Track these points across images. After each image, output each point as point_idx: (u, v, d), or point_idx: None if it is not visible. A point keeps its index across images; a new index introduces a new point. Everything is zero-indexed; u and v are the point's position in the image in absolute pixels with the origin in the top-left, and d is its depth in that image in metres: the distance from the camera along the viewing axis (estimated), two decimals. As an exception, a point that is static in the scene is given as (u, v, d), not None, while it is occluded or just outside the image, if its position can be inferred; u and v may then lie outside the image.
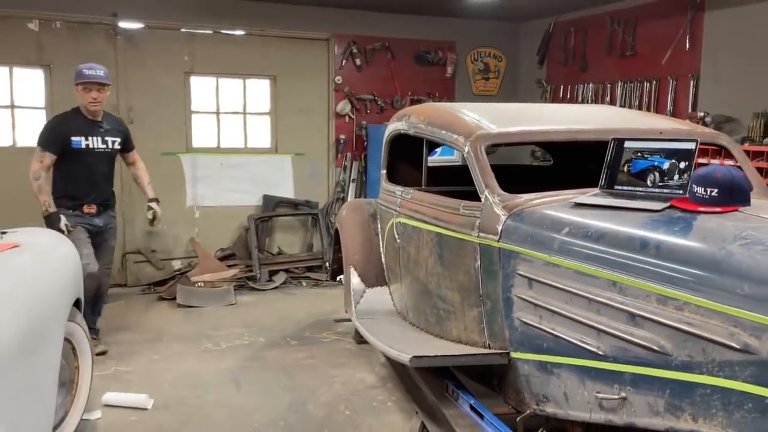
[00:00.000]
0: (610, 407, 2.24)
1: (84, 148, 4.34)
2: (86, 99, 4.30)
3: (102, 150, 4.44)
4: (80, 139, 4.31)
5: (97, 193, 4.44)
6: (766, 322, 1.74)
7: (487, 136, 3.09)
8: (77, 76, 4.28)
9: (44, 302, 2.70)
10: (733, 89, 5.33)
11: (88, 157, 4.37)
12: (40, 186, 4.21)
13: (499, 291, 2.74)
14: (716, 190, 2.33)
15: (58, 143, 4.28)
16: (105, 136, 4.45)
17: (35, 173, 4.22)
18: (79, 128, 4.33)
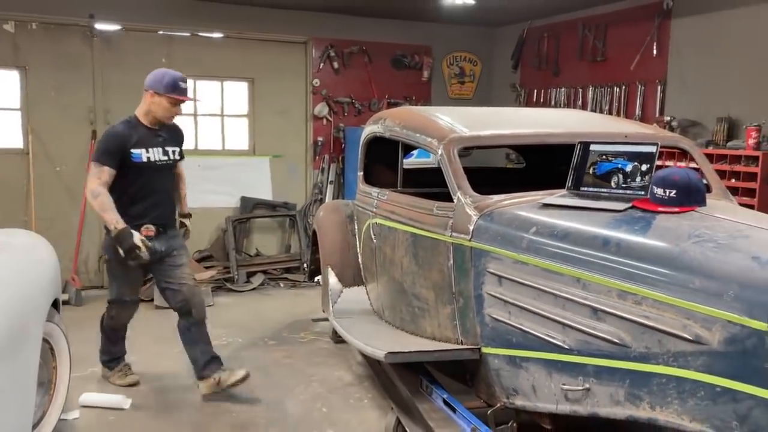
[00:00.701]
0: (574, 398, 2.34)
1: (145, 161, 3.72)
2: (168, 112, 3.74)
3: (163, 162, 3.82)
4: (140, 152, 3.70)
5: (157, 212, 3.82)
6: (715, 314, 1.86)
7: (459, 139, 3.19)
8: (171, 88, 3.67)
9: (23, 302, 2.72)
10: (698, 94, 5.52)
11: (149, 171, 3.75)
12: (102, 203, 3.57)
13: (471, 288, 2.84)
14: (674, 191, 2.45)
15: (117, 156, 3.64)
16: (165, 146, 3.83)
17: (94, 191, 3.58)
18: (138, 139, 3.71)
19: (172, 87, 3.67)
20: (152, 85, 3.70)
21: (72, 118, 6.19)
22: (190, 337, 3.88)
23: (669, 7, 5.71)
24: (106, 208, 3.57)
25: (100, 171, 3.61)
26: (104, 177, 3.61)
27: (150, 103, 3.73)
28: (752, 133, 4.86)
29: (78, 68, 6.17)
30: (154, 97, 3.70)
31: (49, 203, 6.12)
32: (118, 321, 4.07)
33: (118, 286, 3.97)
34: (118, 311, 4.02)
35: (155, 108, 3.72)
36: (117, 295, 3.99)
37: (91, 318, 5.37)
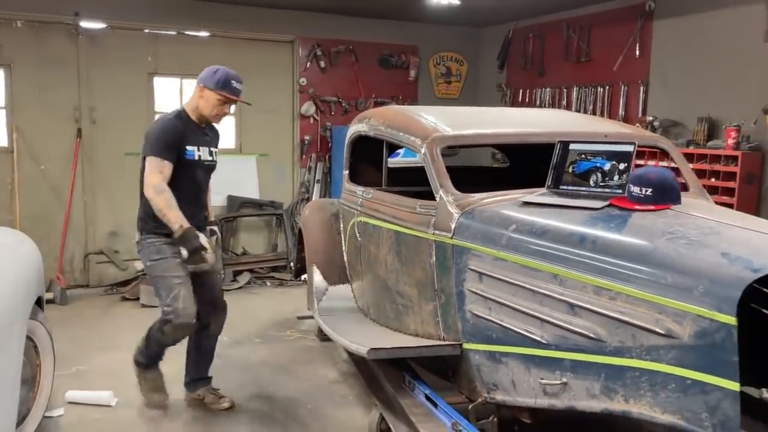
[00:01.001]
0: (552, 392, 2.39)
1: (196, 159, 3.50)
2: (216, 111, 3.52)
3: (209, 163, 3.64)
4: (193, 149, 3.48)
5: (199, 213, 3.62)
6: (685, 309, 1.91)
7: (442, 138, 3.23)
8: (221, 84, 3.43)
9: (5, 300, 2.72)
10: (679, 95, 5.61)
11: (197, 170, 3.54)
12: (167, 200, 3.25)
13: (453, 285, 2.88)
14: (650, 189, 2.50)
15: (175, 151, 3.38)
16: (210, 146, 3.65)
17: (158, 186, 3.27)
18: (191, 136, 3.48)
19: (223, 83, 3.43)
20: (203, 79, 3.46)
21: (57, 117, 6.17)
22: (196, 346, 3.76)
23: (651, 9, 5.79)
24: (172, 205, 3.26)
25: (162, 165, 3.31)
26: (166, 171, 3.32)
27: (198, 98, 3.48)
28: (731, 133, 4.94)
29: (63, 66, 6.15)
30: (204, 91, 3.45)
31: (34, 202, 6.10)
32: (166, 339, 3.49)
33: (167, 294, 3.40)
34: (174, 329, 3.41)
35: (203, 104, 3.47)
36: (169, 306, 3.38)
37: (76, 317, 5.40)
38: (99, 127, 6.34)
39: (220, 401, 3.74)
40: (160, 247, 3.44)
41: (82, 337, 4.89)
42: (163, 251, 3.43)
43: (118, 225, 6.49)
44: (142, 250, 3.53)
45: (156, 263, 3.44)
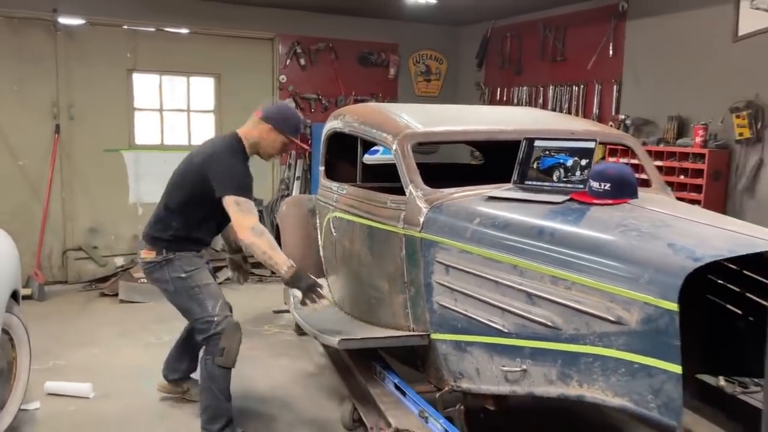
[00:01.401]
0: (513, 379, 2.49)
1: None
2: (276, 152, 3.46)
3: None
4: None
5: (212, 235, 3.53)
6: (633, 297, 2.01)
7: (413, 135, 3.31)
8: (294, 129, 3.36)
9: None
10: (651, 94, 5.74)
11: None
12: (271, 242, 3.08)
13: (421, 277, 2.97)
14: (609, 184, 2.61)
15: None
16: None
17: (257, 228, 3.06)
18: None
19: (296, 130, 3.35)
20: (276, 121, 3.31)
21: (35, 113, 6.16)
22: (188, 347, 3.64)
23: (624, 10, 5.91)
24: (275, 246, 3.08)
25: (250, 205, 3.14)
26: (255, 212, 3.16)
27: (264, 137, 3.33)
28: (699, 132, 5.08)
29: (41, 62, 6.14)
30: (272, 132, 3.30)
31: (12, 198, 6.09)
32: (231, 351, 3.16)
33: (213, 302, 3.21)
34: (229, 335, 3.16)
35: (267, 144, 3.35)
36: (218, 315, 3.17)
37: (54, 313, 5.42)
38: (77, 123, 6.35)
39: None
40: (191, 260, 3.27)
41: (60, 333, 4.92)
42: (195, 263, 3.27)
43: (97, 221, 6.50)
44: (168, 266, 3.25)
45: (192, 274, 3.23)
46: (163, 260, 3.26)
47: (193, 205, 3.25)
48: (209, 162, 3.19)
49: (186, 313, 3.30)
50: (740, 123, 4.90)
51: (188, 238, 3.29)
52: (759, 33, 4.83)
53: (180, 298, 3.26)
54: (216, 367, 3.16)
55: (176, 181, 3.33)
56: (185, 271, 3.23)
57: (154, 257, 3.27)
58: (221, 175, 3.13)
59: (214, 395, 3.17)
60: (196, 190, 3.21)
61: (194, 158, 3.32)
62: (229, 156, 3.22)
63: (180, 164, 3.42)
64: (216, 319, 3.15)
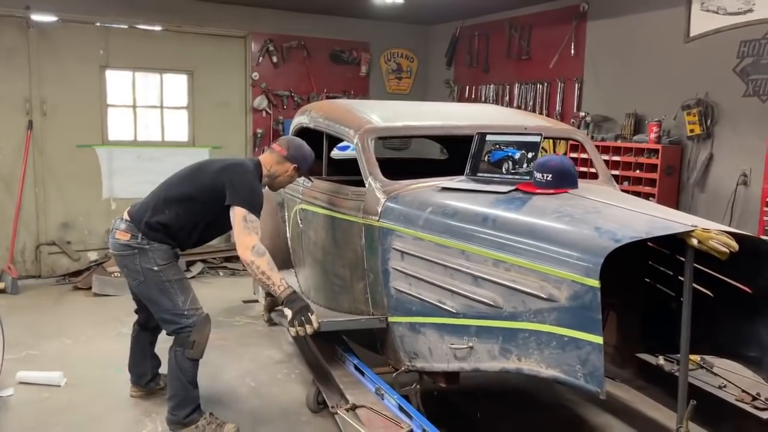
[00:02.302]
0: (461, 356, 2.67)
1: None
2: (287, 182, 3.58)
3: None
4: None
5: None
6: (562, 276, 2.20)
7: (373, 130, 3.48)
8: (309, 167, 3.53)
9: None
10: (610, 92, 5.97)
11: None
12: (269, 263, 3.09)
13: (379, 264, 3.13)
14: (550, 175, 2.79)
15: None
16: None
17: (258, 248, 3.08)
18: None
19: (308, 165, 3.52)
20: (299, 161, 3.44)
21: (8, 109, 6.22)
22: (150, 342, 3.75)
23: (585, 10, 6.14)
24: (274, 268, 3.10)
25: (257, 225, 3.14)
26: (258, 230, 3.15)
27: (284, 173, 3.44)
28: (654, 128, 5.32)
29: (14, 59, 6.19)
30: (290, 169, 3.44)
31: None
32: (200, 344, 3.27)
33: (185, 297, 3.27)
34: (199, 330, 3.25)
35: (285, 179, 3.49)
36: (190, 309, 3.26)
37: (27, 306, 5.50)
38: (50, 119, 6.41)
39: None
40: (166, 253, 3.28)
41: (34, 325, 5.00)
42: (169, 257, 3.29)
43: (70, 216, 6.57)
44: (141, 255, 3.26)
45: (164, 268, 3.25)
46: (137, 247, 3.24)
47: (195, 204, 3.26)
48: (232, 171, 3.25)
49: (153, 305, 3.32)
50: (691, 120, 5.15)
51: (171, 234, 3.28)
52: (709, 34, 5.09)
53: (149, 290, 3.28)
54: (185, 359, 3.24)
55: (187, 174, 3.36)
56: (158, 264, 3.24)
57: (128, 240, 3.26)
58: (241, 187, 3.17)
59: (183, 385, 3.26)
60: (205, 191, 3.24)
61: (215, 163, 3.39)
62: (252, 174, 3.29)
63: (191, 165, 3.45)
64: (187, 313, 3.23)
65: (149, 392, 3.82)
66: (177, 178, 3.40)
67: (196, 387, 3.33)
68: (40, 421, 3.48)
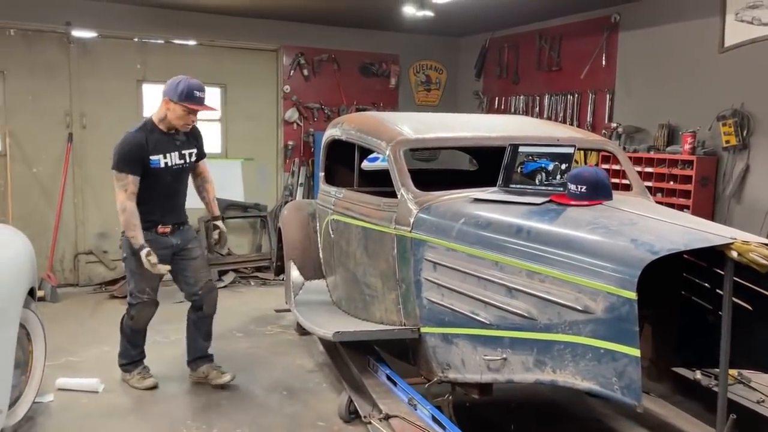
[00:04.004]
0: (495, 368, 2.67)
1: (162, 167, 3.76)
2: (183, 120, 3.73)
3: (180, 166, 3.87)
4: (158, 158, 3.73)
5: (173, 213, 3.93)
6: (598, 287, 2.20)
7: (405, 141, 3.52)
8: (184, 95, 3.64)
9: (1, 288, 2.98)
10: (642, 102, 5.92)
11: (166, 176, 3.81)
12: (127, 221, 3.65)
13: (411, 275, 3.16)
14: (585, 186, 2.79)
15: (138, 164, 3.66)
16: (182, 150, 3.86)
17: (121, 205, 3.65)
18: (156, 145, 3.73)
19: (186, 95, 3.63)
20: (167, 93, 3.68)
21: (49, 122, 6.42)
22: (195, 329, 4.12)
23: (617, 21, 6.11)
24: (130, 225, 3.66)
25: (126, 182, 3.62)
26: (130, 188, 3.63)
27: (165, 110, 3.70)
28: (688, 139, 5.25)
29: (55, 73, 6.40)
30: (169, 104, 3.67)
31: (26, 203, 6.34)
32: (138, 321, 4.01)
33: (137, 285, 3.92)
34: (138, 311, 3.97)
35: (170, 115, 3.70)
36: (136, 294, 3.94)
37: (67, 314, 5.64)
38: (89, 132, 6.60)
39: (222, 376, 4.05)
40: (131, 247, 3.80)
41: (72, 332, 5.13)
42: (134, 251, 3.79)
43: (106, 226, 6.72)
44: (122, 243, 3.93)
45: (131, 257, 3.85)
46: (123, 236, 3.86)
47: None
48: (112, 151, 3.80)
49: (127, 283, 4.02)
50: (727, 131, 5.07)
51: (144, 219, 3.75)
52: (744, 44, 5.02)
53: (125, 271, 4.04)
54: (127, 327, 4.05)
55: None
56: (127, 253, 3.87)
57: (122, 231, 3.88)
58: (114, 153, 3.75)
59: (124, 342, 4.12)
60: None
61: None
62: (126, 136, 3.78)
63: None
64: (133, 295, 3.95)
65: (198, 377, 4.11)
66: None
67: (134, 347, 4.09)
68: (79, 426, 3.56)
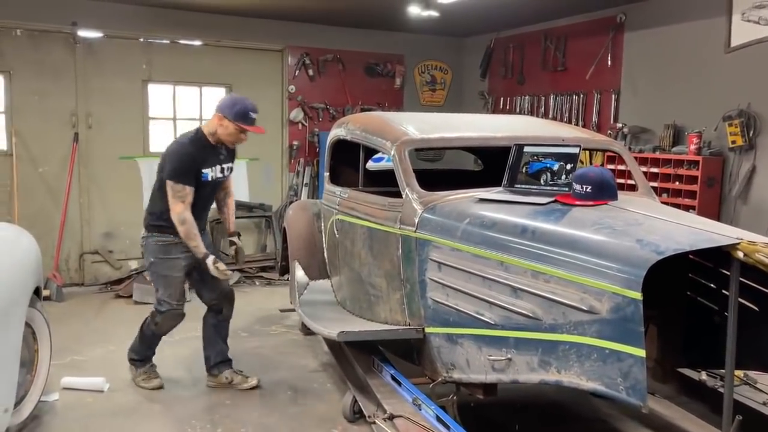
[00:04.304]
0: (500, 368, 2.66)
1: (210, 180, 3.80)
2: (234, 138, 3.76)
3: (219, 179, 3.90)
4: (207, 171, 3.76)
5: (200, 222, 3.87)
6: (603, 287, 2.19)
7: (410, 141, 3.51)
8: (240, 116, 3.66)
9: (7, 287, 2.99)
10: (648, 103, 5.91)
11: (207, 188, 3.82)
12: (188, 231, 3.64)
13: (416, 275, 3.15)
14: (590, 186, 2.78)
15: (192, 176, 3.67)
16: (223, 164, 3.88)
17: (180, 216, 3.61)
18: (206, 158, 3.75)
19: (241, 116, 3.67)
20: (222, 110, 3.69)
21: (54, 122, 6.45)
22: (215, 333, 4.10)
23: (622, 21, 6.10)
24: (191, 236, 3.65)
25: (184, 193, 3.63)
26: (188, 199, 3.64)
27: (218, 126, 3.72)
28: (693, 139, 5.23)
29: (61, 73, 6.43)
30: (223, 121, 3.68)
31: (32, 203, 6.36)
32: (162, 328, 3.94)
33: (165, 290, 3.84)
34: (165, 319, 3.88)
35: (221, 131, 3.72)
36: (166, 301, 3.84)
37: (72, 313, 5.66)
38: (95, 132, 6.62)
39: (248, 380, 4.07)
40: (165, 247, 3.80)
41: (78, 331, 5.15)
42: (167, 251, 3.80)
43: (112, 226, 6.76)
44: (146, 247, 3.89)
45: (158, 262, 3.83)
46: (143, 239, 3.91)
47: (161, 188, 3.74)
48: (166, 150, 3.80)
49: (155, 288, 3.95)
50: (733, 131, 5.05)
51: (163, 217, 3.75)
52: (750, 44, 5.00)
53: (150, 274, 4.08)
54: (149, 329, 3.98)
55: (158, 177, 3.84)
56: (155, 257, 3.84)
57: (142, 234, 3.95)
58: (168, 161, 3.72)
59: (140, 337, 4.07)
60: (159, 173, 3.79)
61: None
62: (173, 149, 3.77)
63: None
64: (162, 302, 3.86)
65: (219, 383, 4.07)
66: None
67: (148, 348, 4.07)
68: (84, 425, 3.57)
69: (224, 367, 4.09)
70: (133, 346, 4.11)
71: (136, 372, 4.09)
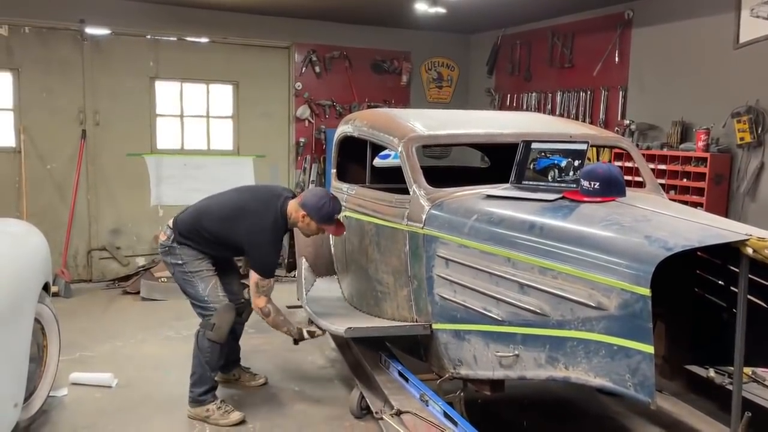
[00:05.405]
0: (507, 364, 2.66)
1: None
2: (312, 232, 3.75)
3: None
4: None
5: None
6: (612, 284, 2.18)
7: (417, 138, 3.51)
8: (324, 218, 3.61)
9: (17, 282, 3.01)
10: (655, 99, 5.88)
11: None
12: (276, 321, 3.69)
13: (423, 271, 3.16)
14: (598, 183, 2.78)
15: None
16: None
17: (264, 310, 3.62)
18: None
19: (327, 219, 3.63)
20: (309, 210, 3.62)
21: (62, 119, 6.48)
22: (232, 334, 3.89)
23: (630, 18, 6.07)
24: (279, 324, 3.72)
25: (268, 287, 3.62)
26: (269, 292, 3.64)
27: (300, 220, 3.65)
28: (702, 136, 5.20)
29: (69, 70, 6.46)
30: (307, 219, 3.63)
31: (40, 199, 6.40)
32: (222, 327, 3.58)
33: (205, 288, 3.63)
34: (220, 315, 3.58)
35: (302, 226, 3.70)
36: (211, 300, 3.61)
37: (80, 309, 5.70)
38: (102, 129, 6.65)
39: (256, 378, 4.12)
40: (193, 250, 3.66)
41: (86, 327, 5.18)
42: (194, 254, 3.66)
43: (120, 222, 6.79)
44: (170, 253, 3.69)
45: (188, 261, 3.64)
46: (168, 246, 3.69)
47: (220, 245, 3.66)
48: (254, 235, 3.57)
49: (186, 295, 3.73)
50: (741, 128, 5.02)
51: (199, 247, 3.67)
52: (759, 40, 4.97)
53: (178, 282, 3.74)
54: (206, 340, 3.59)
55: (226, 217, 3.64)
56: (182, 260, 3.66)
57: (164, 240, 3.72)
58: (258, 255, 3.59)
59: (201, 364, 3.61)
60: (230, 242, 3.64)
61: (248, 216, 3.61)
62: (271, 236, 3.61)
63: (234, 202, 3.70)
64: (207, 299, 3.61)
65: (228, 378, 4.08)
66: (217, 211, 3.68)
67: (213, 370, 3.66)
68: (92, 420, 3.59)
69: (233, 366, 4.12)
70: (194, 380, 3.62)
71: (206, 411, 3.58)
